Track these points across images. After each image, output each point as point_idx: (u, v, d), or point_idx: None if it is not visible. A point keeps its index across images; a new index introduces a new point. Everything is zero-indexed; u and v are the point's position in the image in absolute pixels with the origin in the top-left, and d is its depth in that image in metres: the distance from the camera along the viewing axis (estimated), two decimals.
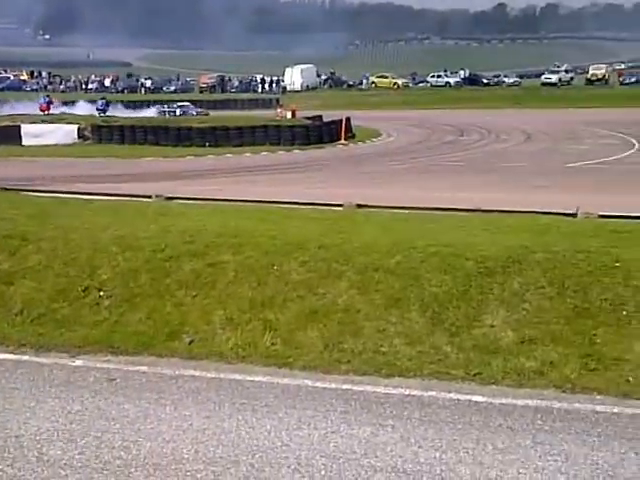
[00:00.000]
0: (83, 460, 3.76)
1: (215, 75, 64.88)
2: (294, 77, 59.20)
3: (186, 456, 3.81)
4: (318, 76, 63.80)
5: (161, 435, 4.00)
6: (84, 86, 60.77)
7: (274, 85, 58.96)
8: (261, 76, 62.30)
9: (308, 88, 57.73)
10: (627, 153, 20.82)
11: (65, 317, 5.63)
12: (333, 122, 26.46)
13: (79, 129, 26.23)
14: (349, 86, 64.04)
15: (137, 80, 63.94)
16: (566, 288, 5.19)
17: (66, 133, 26.04)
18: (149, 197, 9.27)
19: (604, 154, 20.31)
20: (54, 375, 4.85)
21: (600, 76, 57.61)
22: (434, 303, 5.26)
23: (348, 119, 26.58)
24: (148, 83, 61.95)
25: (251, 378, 4.77)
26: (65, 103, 33.76)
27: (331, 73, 66.61)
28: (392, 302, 5.34)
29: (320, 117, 28.22)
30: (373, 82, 61.92)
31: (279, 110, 29.36)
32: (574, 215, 7.61)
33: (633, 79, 56.53)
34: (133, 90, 58.07)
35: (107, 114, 29.69)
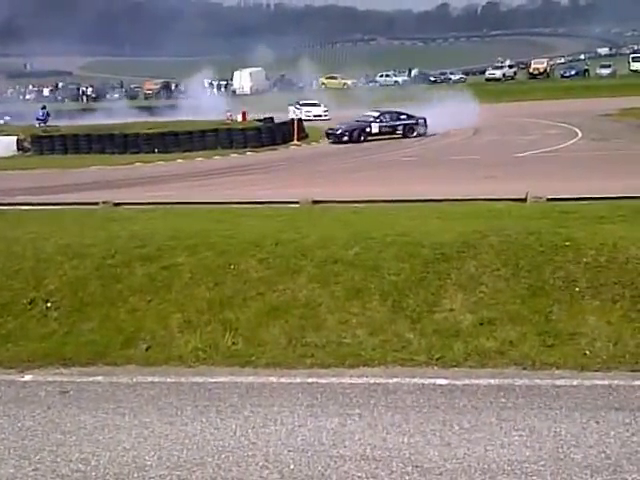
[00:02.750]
0: (38, 476, 3.59)
1: (160, 81, 63.76)
2: (243, 81, 58.82)
3: (149, 463, 3.68)
4: (267, 79, 63.59)
5: (121, 444, 3.86)
6: (21, 97, 58.49)
7: (223, 89, 58.37)
8: (209, 80, 61.58)
9: (258, 91, 57.44)
10: (571, 141, 21.60)
11: (11, 332, 5.37)
12: (285, 123, 26.38)
13: (18, 140, 25.08)
14: (299, 88, 64.01)
15: (78, 89, 62.00)
16: (520, 269, 5.30)
17: (5, 145, 24.81)
18: (96, 204, 8.96)
19: (550, 143, 21.02)
20: (2, 392, 4.61)
21: (542, 70, 59.63)
22: (394, 291, 5.28)
23: (300, 120, 26.56)
24: (89, 91, 60.10)
25: (213, 380, 4.67)
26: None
27: (281, 76, 66.49)
28: (353, 293, 5.33)
29: (271, 119, 28.10)
30: (323, 83, 62.20)
31: (229, 114, 29.07)
32: (524, 200, 7.79)
33: (573, 72, 58.67)
34: (74, 99, 56.20)
35: (48, 124, 28.52)
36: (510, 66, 63.97)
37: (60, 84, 63.54)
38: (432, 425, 3.90)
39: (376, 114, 25.60)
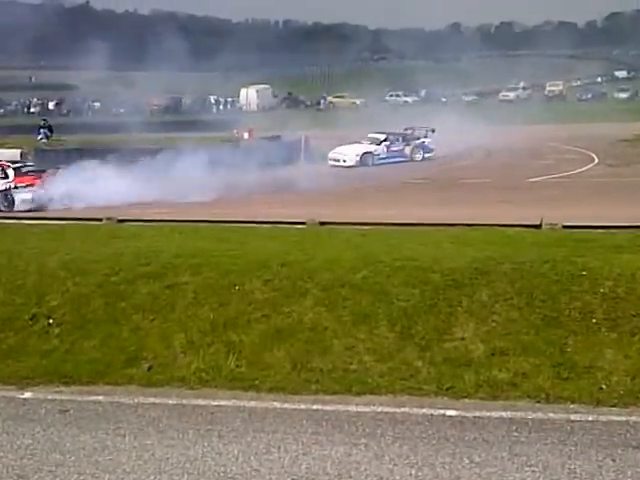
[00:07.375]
0: None
1: (166, 96, 63.97)
2: (250, 98, 58.90)
3: None
4: (275, 96, 63.86)
5: (121, 466, 3.75)
6: (26, 110, 58.89)
7: (229, 106, 58.64)
8: (215, 97, 61.82)
9: (264, 109, 57.65)
10: (587, 167, 21.40)
11: (12, 347, 5.29)
12: (292, 142, 26.43)
13: (22, 154, 25.42)
14: (307, 106, 64.32)
15: (84, 102, 62.40)
16: (534, 298, 5.17)
17: (8, 158, 25.15)
18: (99, 220, 8.90)
19: (565, 168, 20.79)
20: (1, 409, 4.53)
21: (557, 92, 59.37)
22: (403, 318, 5.16)
23: (307, 138, 26.60)
24: (96, 105, 60.56)
25: (216, 403, 4.57)
26: None
27: (288, 93, 66.86)
28: (360, 318, 5.21)
29: (279, 137, 28.16)
30: (331, 102, 62.44)
31: (235, 131, 29.17)
32: (539, 226, 7.67)
33: (589, 95, 58.49)
34: (80, 113, 56.53)
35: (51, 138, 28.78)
36: (524, 88, 63.68)
37: (65, 98, 64.11)
38: (441, 458, 3.77)
39: None
